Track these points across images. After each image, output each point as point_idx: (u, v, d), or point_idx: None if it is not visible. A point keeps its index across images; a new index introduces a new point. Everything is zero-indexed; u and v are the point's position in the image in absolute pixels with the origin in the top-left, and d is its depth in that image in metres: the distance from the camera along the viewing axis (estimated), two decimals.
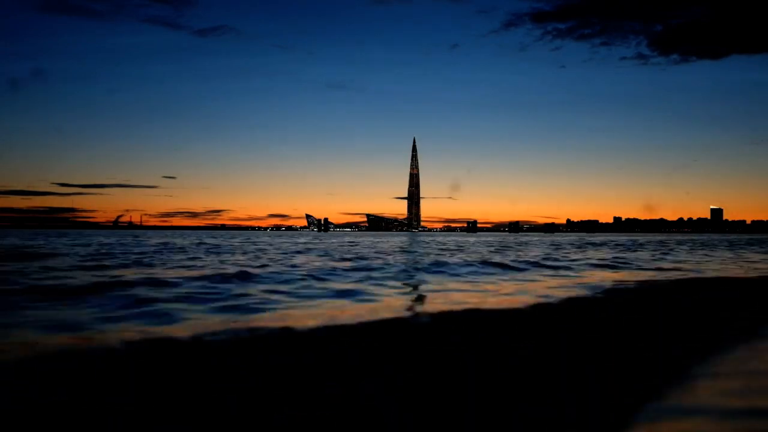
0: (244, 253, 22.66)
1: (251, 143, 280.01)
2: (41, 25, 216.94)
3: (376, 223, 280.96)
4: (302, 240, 53.78)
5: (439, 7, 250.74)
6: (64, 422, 3.09)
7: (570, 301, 8.20)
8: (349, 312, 7.20)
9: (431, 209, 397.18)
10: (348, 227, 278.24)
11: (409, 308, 7.93)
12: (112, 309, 6.87)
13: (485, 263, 15.88)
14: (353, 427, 3.01)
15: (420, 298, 9.03)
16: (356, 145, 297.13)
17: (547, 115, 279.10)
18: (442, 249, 28.67)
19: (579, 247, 31.92)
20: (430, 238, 65.77)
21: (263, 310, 7.14)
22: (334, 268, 13.29)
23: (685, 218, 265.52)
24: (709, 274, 14.03)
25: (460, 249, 28.41)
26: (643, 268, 15.38)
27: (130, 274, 11.75)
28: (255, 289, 9.04)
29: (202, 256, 19.87)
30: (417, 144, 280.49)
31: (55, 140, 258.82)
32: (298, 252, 23.75)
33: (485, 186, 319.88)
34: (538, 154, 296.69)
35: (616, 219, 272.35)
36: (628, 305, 7.96)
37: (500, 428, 3.01)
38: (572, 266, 15.65)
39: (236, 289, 9.08)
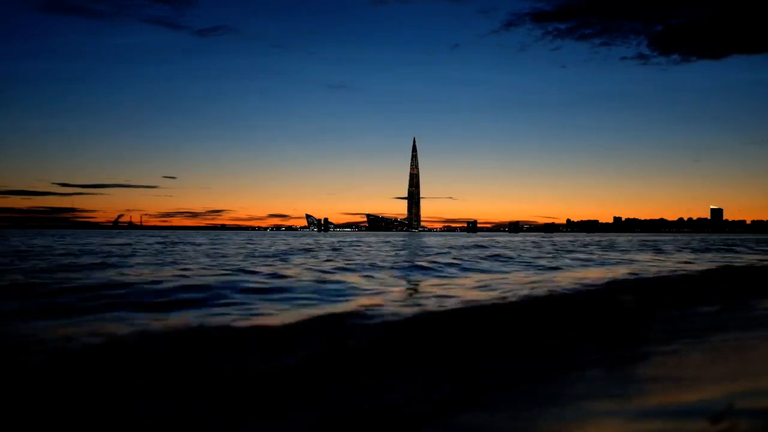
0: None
1: (251, 143, 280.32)
2: (41, 25, 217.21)
3: (376, 223, 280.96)
4: (372, 239, 51.35)
5: (439, 7, 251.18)
6: None
7: None
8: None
9: (431, 209, 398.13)
10: (348, 227, 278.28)
11: None
12: None
13: None
14: None
15: None
16: (356, 145, 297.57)
17: (547, 115, 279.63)
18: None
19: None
20: (433, 239, 65.56)
21: None
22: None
23: (685, 218, 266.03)
24: None
25: None
26: None
27: None
28: None
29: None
30: (417, 144, 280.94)
31: (55, 140, 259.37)
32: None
33: (485, 186, 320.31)
34: (538, 154, 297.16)
35: (616, 219, 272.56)
36: None
37: None
38: None
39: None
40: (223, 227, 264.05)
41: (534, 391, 3.75)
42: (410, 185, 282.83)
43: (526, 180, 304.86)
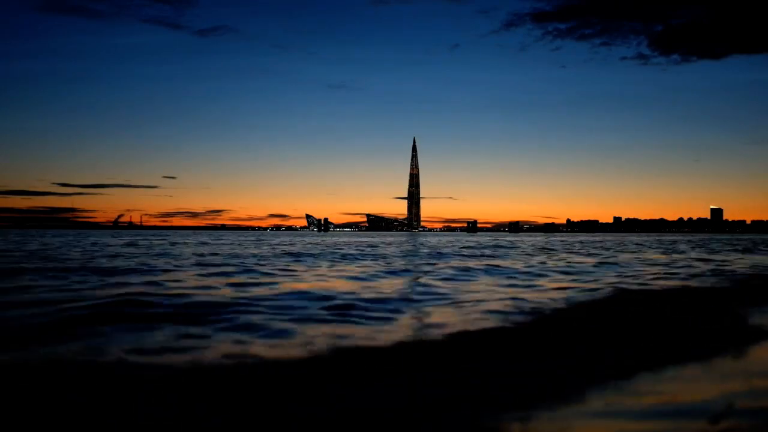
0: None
1: (251, 143, 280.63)
2: (41, 25, 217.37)
3: (376, 223, 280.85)
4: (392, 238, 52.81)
5: (439, 7, 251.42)
6: None
7: None
8: None
9: (431, 209, 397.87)
10: (348, 227, 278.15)
11: None
12: None
13: None
14: None
15: None
16: (356, 145, 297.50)
17: (547, 115, 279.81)
18: None
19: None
20: (435, 239, 65.42)
21: None
22: None
23: (685, 218, 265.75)
24: None
25: None
26: None
27: None
28: None
29: None
30: (417, 144, 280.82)
31: (55, 140, 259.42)
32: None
33: (485, 186, 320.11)
34: (538, 154, 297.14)
35: (616, 219, 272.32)
36: None
37: None
38: None
39: None
40: (223, 227, 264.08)
41: (537, 392, 3.88)
42: (410, 185, 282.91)
43: (526, 180, 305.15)
